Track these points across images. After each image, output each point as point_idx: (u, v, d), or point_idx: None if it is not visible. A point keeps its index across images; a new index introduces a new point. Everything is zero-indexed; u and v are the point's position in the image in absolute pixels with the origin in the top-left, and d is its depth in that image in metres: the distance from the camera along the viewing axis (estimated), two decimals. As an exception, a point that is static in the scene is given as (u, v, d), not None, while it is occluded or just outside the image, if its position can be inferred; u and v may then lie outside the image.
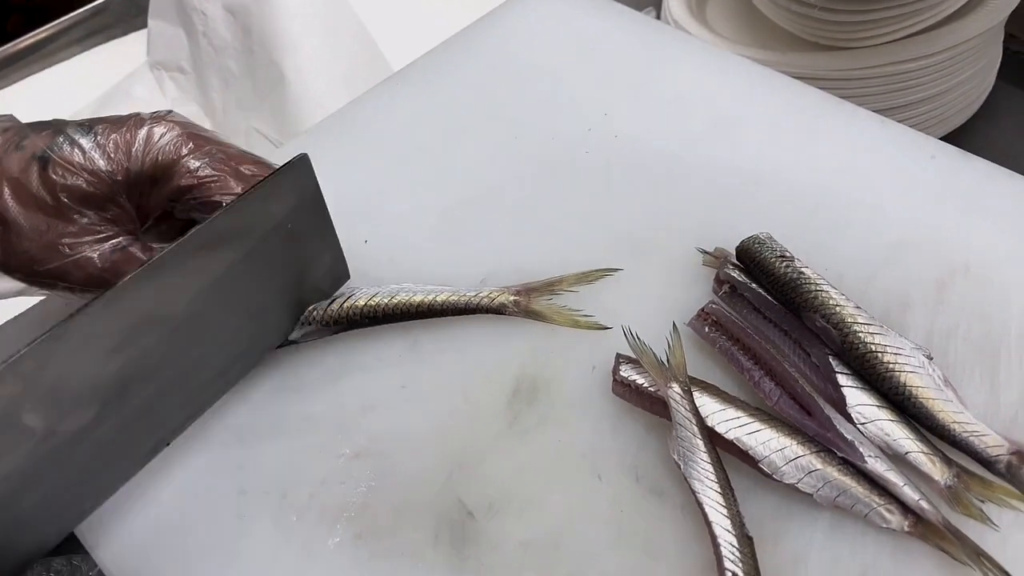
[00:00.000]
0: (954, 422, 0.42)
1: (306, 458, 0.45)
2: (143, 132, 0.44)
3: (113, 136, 0.44)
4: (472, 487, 0.43)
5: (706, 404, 0.43)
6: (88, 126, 0.44)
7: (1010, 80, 0.89)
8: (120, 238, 0.44)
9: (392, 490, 0.44)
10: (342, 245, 0.52)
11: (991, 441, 0.42)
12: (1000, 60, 0.82)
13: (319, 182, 0.47)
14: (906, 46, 0.72)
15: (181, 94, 0.93)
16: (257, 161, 0.46)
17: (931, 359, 0.44)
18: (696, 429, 0.42)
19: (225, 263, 0.43)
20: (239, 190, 0.44)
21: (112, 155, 0.43)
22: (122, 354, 0.39)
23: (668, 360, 0.44)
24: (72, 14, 1.04)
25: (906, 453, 0.42)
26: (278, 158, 0.46)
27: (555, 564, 0.41)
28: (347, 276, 0.52)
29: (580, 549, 0.41)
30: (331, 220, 0.48)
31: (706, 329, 0.47)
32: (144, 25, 0.99)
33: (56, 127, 0.43)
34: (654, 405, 0.44)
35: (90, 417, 0.39)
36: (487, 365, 0.48)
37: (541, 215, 0.55)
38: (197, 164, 0.44)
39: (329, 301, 0.49)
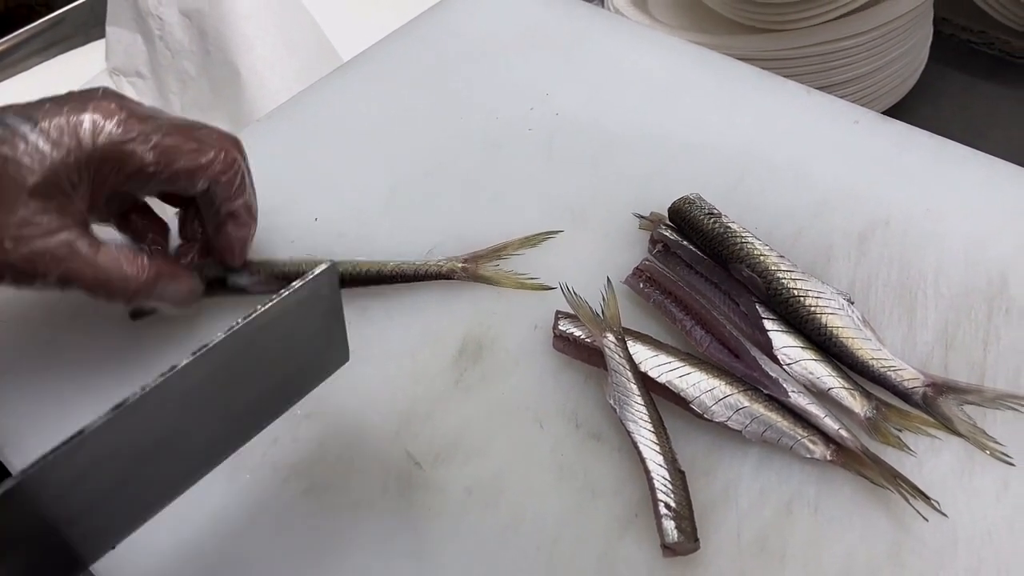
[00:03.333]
0: (873, 359, 0.45)
1: (259, 420, 0.47)
2: (88, 117, 0.43)
3: (56, 121, 0.42)
4: (419, 440, 0.45)
5: (639, 351, 0.45)
6: (27, 114, 0.42)
7: (944, 62, 0.93)
8: (64, 233, 0.42)
9: (341, 446, 0.45)
10: (294, 224, 0.54)
11: (908, 375, 0.44)
12: (931, 39, 0.86)
13: (273, 165, 0.48)
14: (837, 26, 0.75)
15: (140, 98, 0.94)
16: (200, 125, 0.46)
17: (851, 302, 0.46)
18: (630, 374, 0.44)
19: (227, 376, 0.39)
20: (202, 159, 0.45)
21: (57, 141, 0.42)
22: (98, 471, 0.35)
23: (603, 312, 0.47)
24: (31, 25, 1.05)
25: (829, 389, 0.44)
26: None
27: (499, 505, 0.43)
28: (347, 358, 0.46)
29: (523, 491, 0.43)
30: (343, 315, 0.44)
31: (641, 285, 0.49)
32: (103, 34, 1.01)
33: None
34: (591, 356, 0.47)
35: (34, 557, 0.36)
36: (434, 328, 0.50)
37: (485, 189, 0.57)
38: (150, 144, 0.44)
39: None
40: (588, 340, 0.46)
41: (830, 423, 0.42)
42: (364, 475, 0.44)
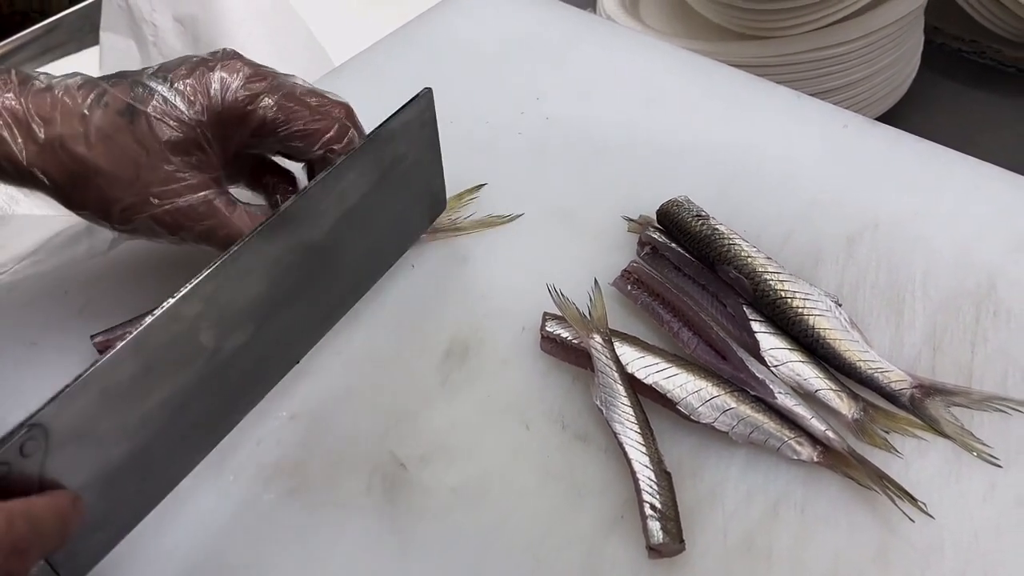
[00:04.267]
0: (860, 360, 0.45)
1: (243, 421, 0.46)
2: (216, 75, 0.45)
3: (189, 82, 0.45)
4: (405, 441, 0.45)
5: (626, 352, 0.45)
6: (162, 75, 0.45)
7: (936, 70, 0.93)
8: (207, 191, 0.45)
9: (326, 448, 0.45)
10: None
11: (895, 377, 0.44)
12: (922, 46, 0.86)
13: None
14: (827, 33, 0.76)
15: (133, 103, 0.94)
16: (315, 92, 0.48)
17: (839, 304, 0.46)
18: (616, 375, 0.44)
19: (359, 192, 0.46)
20: (316, 123, 0.47)
21: (192, 99, 0.45)
22: (274, 277, 0.43)
23: (590, 314, 0.47)
24: (25, 32, 1.05)
25: (816, 391, 0.44)
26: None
27: (484, 506, 0.42)
28: (444, 206, 0.54)
29: (508, 492, 0.43)
30: (440, 153, 0.51)
31: (629, 287, 0.49)
32: (97, 41, 1.01)
33: (132, 79, 0.44)
34: (579, 358, 0.46)
35: (247, 336, 0.42)
36: (421, 330, 0.50)
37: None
38: (272, 101, 0.46)
39: None
40: (575, 341, 0.46)
41: (817, 424, 0.42)
42: (349, 476, 0.44)
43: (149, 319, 0.36)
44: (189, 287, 0.38)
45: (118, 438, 0.37)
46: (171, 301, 0.37)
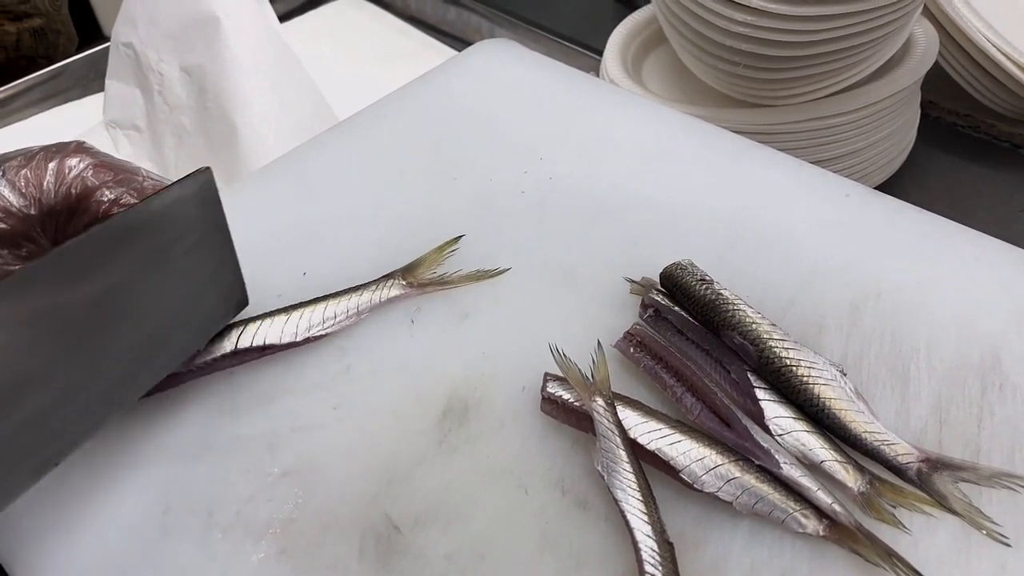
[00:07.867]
0: (866, 432, 0.44)
1: (234, 477, 0.45)
2: (53, 165, 0.44)
3: (23, 172, 0.43)
4: (399, 503, 0.44)
5: (629, 417, 0.44)
6: None
7: (931, 143, 0.95)
8: None
9: (319, 507, 0.44)
10: (282, 278, 0.53)
11: (901, 449, 0.43)
12: (919, 119, 0.87)
13: (264, 219, 0.48)
14: (827, 104, 0.77)
15: (135, 150, 0.94)
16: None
17: (844, 374, 0.46)
18: (619, 440, 0.43)
19: (125, 267, 0.41)
20: None
21: (24, 190, 0.43)
22: (13, 351, 0.36)
23: (592, 375, 0.46)
24: (29, 77, 1.06)
25: (821, 462, 0.43)
26: (227, 198, 0.48)
27: (480, 573, 0.41)
28: (246, 302, 0.51)
29: (505, 559, 0.41)
30: (232, 240, 0.48)
31: (631, 350, 0.49)
32: (101, 88, 1.02)
33: None
34: (580, 420, 0.45)
35: None
36: (419, 388, 0.49)
37: (475, 249, 0.57)
38: (113, 195, 0.44)
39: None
40: (577, 404, 0.45)
41: (823, 497, 0.41)
42: (341, 538, 0.42)
43: None
44: None
45: None
46: None
